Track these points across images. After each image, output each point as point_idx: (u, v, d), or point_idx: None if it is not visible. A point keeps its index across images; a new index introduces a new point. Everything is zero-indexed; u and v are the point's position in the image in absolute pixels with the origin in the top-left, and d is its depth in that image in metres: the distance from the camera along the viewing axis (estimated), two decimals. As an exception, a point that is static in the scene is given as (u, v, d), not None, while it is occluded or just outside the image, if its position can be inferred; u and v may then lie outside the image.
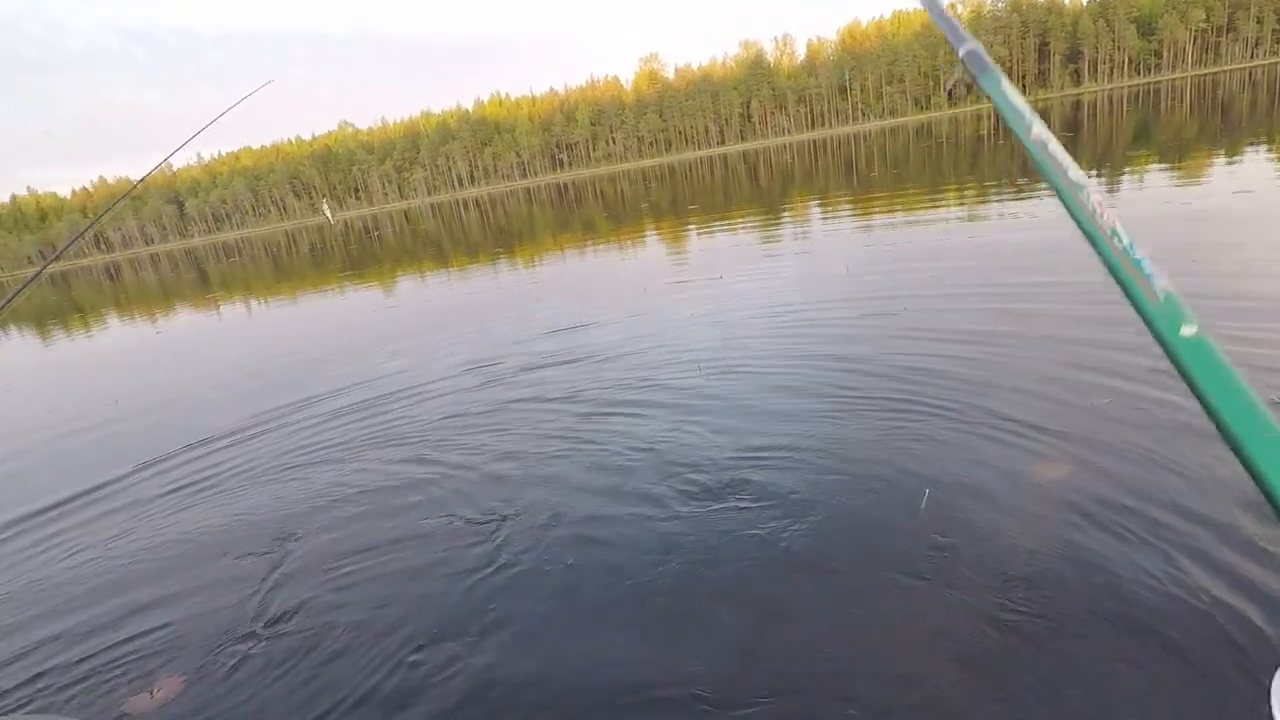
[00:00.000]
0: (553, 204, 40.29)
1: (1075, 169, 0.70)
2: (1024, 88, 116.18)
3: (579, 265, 13.60)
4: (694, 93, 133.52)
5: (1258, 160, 12.18)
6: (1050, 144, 0.71)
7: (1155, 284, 0.58)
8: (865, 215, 13.14)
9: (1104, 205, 0.67)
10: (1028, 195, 11.93)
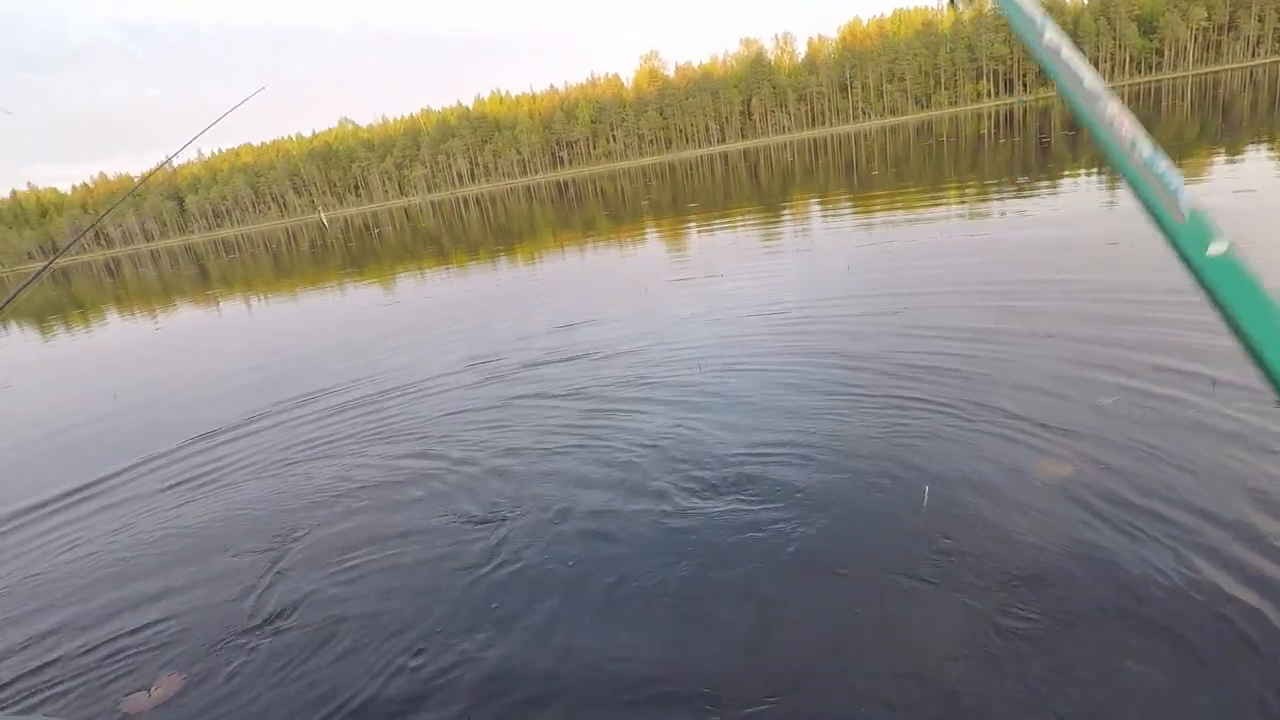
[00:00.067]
0: (553, 202, 40.25)
1: (1092, 76, 0.64)
2: (1025, 86, 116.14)
3: (579, 263, 13.59)
4: (694, 91, 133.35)
5: (1259, 159, 12.17)
6: (1064, 50, 0.66)
7: (1181, 200, 0.53)
8: (866, 213, 13.12)
9: (1123, 115, 0.61)
10: (1029, 193, 11.92)
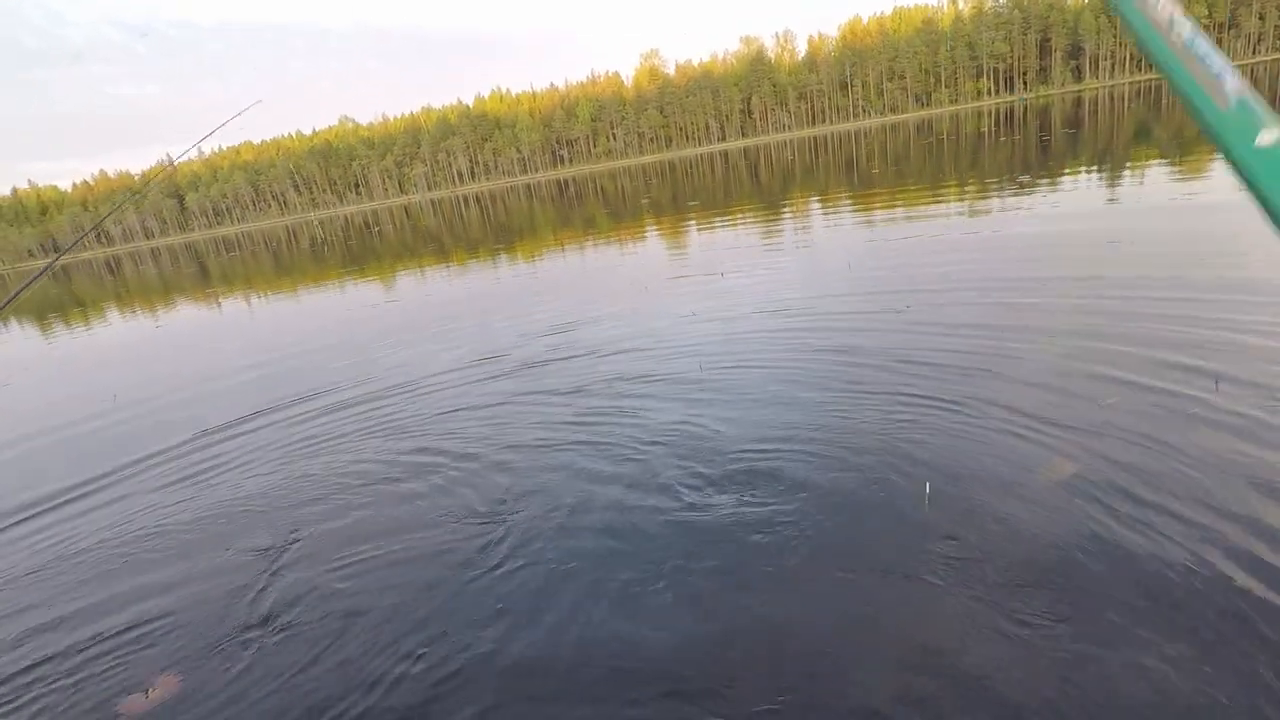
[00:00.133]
0: (553, 200, 40.23)
1: None
2: (1025, 84, 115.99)
3: (580, 262, 13.59)
4: (695, 89, 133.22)
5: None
6: None
7: (1226, 84, 0.47)
8: (866, 211, 13.12)
9: None
10: (1030, 191, 11.91)
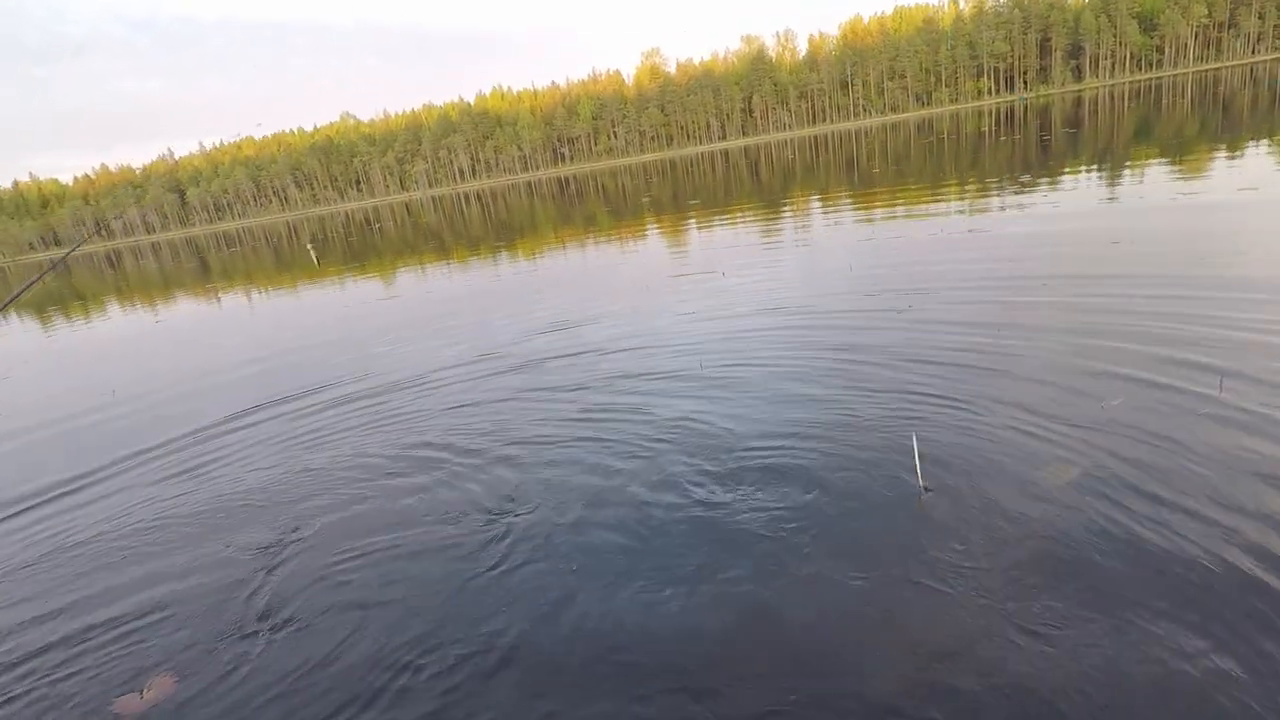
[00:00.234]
0: (554, 198, 40.20)
1: None
2: (1025, 84, 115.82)
3: (581, 260, 13.58)
4: (696, 87, 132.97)
5: (1259, 157, 12.14)
6: None
7: None
8: (867, 211, 13.11)
9: None
10: (1030, 190, 11.91)
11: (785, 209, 15.99)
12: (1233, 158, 12.65)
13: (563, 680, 2.36)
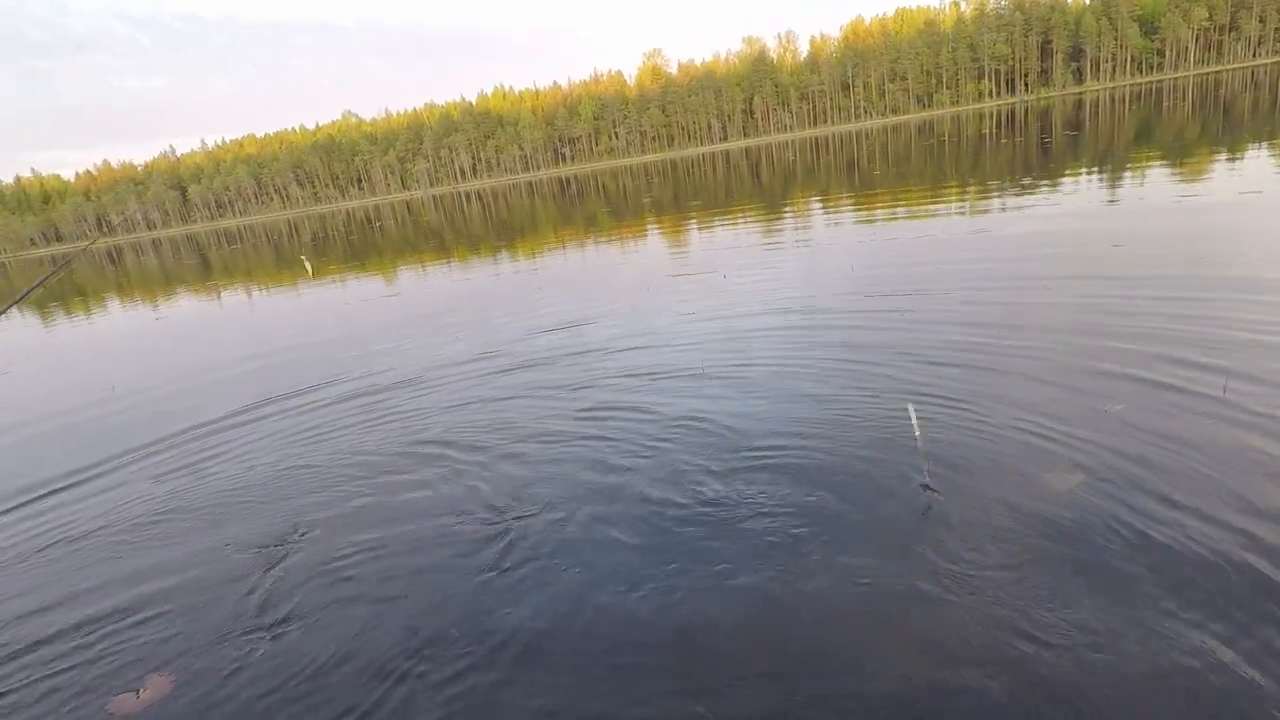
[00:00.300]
0: (555, 198, 40.19)
1: None
2: (1026, 86, 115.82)
3: (581, 260, 13.57)
4: (697, 88, 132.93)
5: (1261, 160, 12.14)
6: None
7: None
8: (868, 212, 13.11)
9: None
10: (1032, 192, 11.91)
11: (786, 210, 15.99)
12: (1234, 160, 12.65)
13: (563, 680, 2.35)
